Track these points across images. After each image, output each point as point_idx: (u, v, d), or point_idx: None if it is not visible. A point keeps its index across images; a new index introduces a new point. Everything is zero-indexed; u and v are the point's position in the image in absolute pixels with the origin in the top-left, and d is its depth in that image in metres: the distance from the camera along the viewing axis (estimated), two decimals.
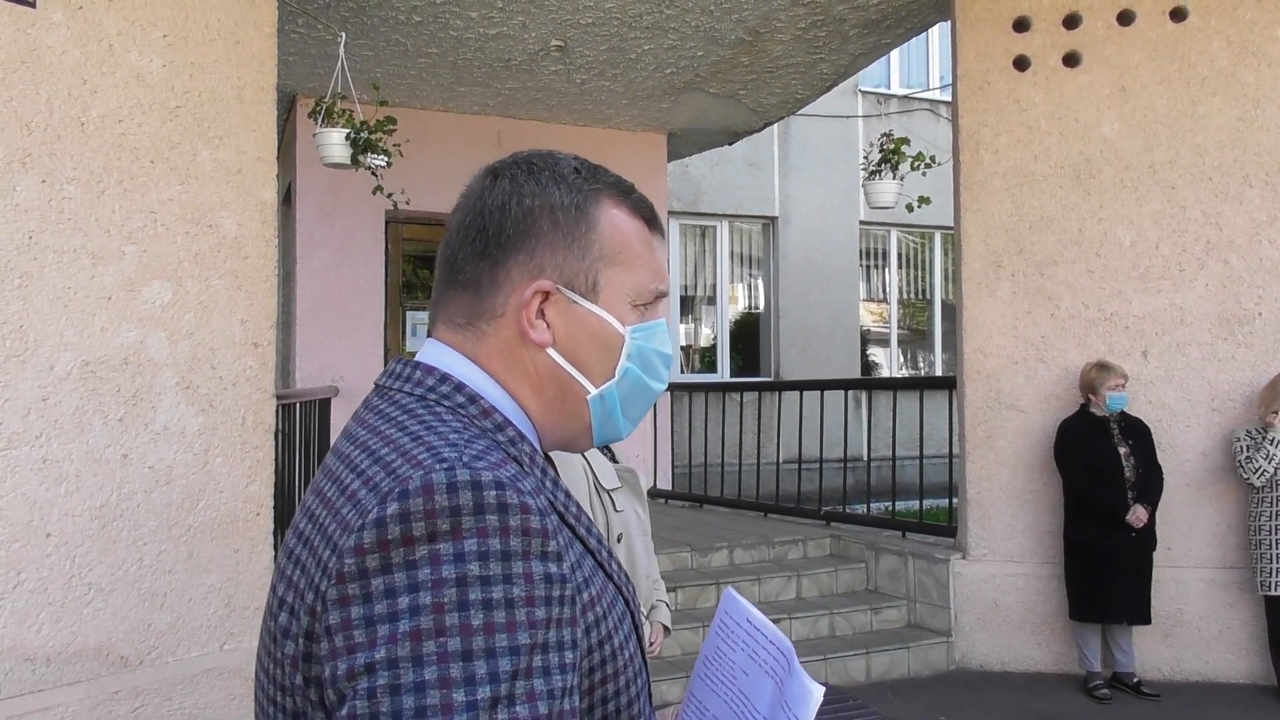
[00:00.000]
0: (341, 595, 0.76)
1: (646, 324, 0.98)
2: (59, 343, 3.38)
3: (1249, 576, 5.08)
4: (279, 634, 0.83)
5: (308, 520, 0.86)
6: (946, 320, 11.87)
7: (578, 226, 0.95)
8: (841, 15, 5.95)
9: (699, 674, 1.15)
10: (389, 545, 0.75)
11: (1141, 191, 5.36)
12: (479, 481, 0.78)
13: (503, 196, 0.95)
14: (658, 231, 1.02)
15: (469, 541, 0.75)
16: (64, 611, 3.36)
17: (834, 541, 6.44)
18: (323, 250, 7.23)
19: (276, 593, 0.86)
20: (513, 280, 0.93)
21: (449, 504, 0.76)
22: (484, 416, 0.91)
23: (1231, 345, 5.25)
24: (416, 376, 0.93)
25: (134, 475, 3.56)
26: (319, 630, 0.78)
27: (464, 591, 0.74)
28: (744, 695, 1.06)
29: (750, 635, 1.08)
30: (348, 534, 0.78)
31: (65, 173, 3.42)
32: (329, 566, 0.78)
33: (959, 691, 5.13)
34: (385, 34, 5.95)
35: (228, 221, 3.83)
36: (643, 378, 0.98)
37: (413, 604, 0.74)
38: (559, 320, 0.94)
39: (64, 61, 3.42)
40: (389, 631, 0.73)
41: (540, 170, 0.96)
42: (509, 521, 0.77)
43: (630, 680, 0.89)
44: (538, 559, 0.77)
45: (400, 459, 0.81)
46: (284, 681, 0.83)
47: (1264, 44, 5.25)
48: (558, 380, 0.95)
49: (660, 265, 1.01)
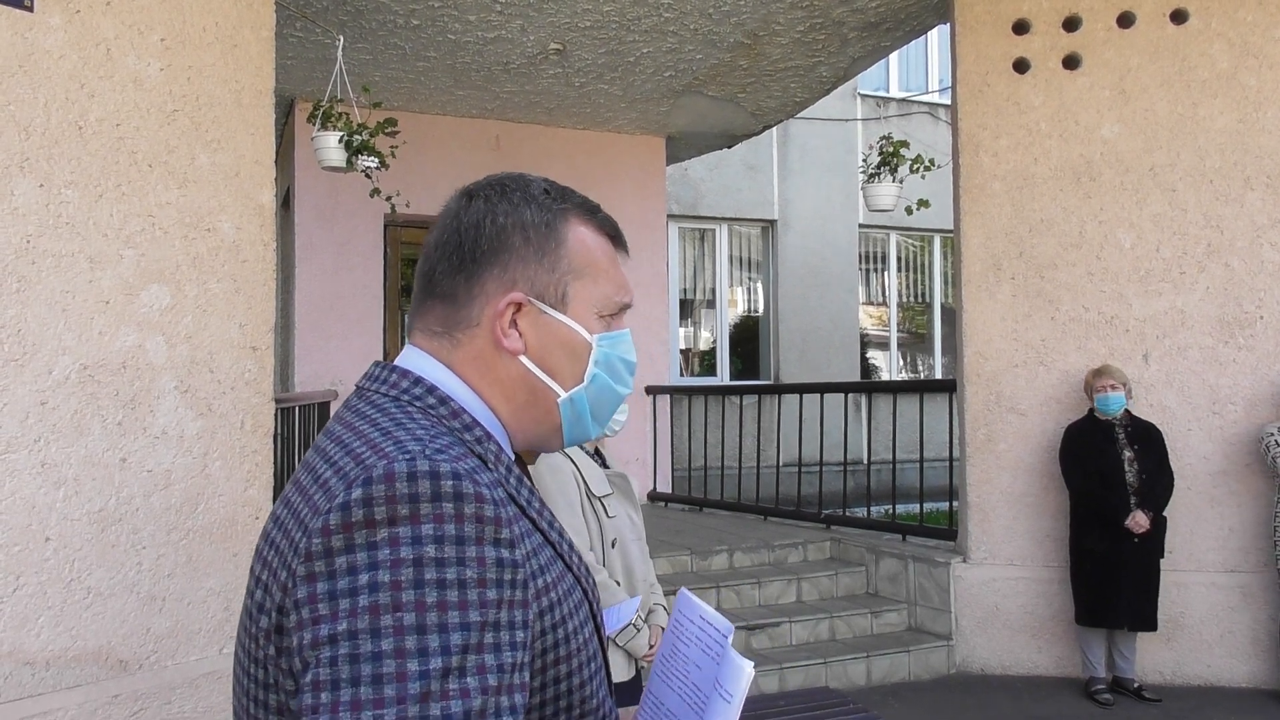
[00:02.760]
0: (309, 572, 0.82)
1: (612, 333, 1.05)
2: (57, 347, 3.37)
3: (1260, 580, 5.07)
4: (255, 610, 0.90)
5: (284, 506, 0.93)
6: (946, 323, 11.87)
7: (548, 242, 1.02)
8: (840, 18, 5.95)
9: (656, 672, 1.21)
10: (352, 527, 0.81)
11: (1142, 194, 5.36)
12: (437, 472, 0.84)
13: (478, 215, 1.02)
14: (622, 248, 1.10)
15: (426, 526, 0.81)
16: (63, 615, 3.35)
17: (834, 545, 6.43)
18: (322, 254, 7.22)
19: (254, 573, 0.93)
20: (487, 292, 1.00)
21: (408, 491, 0.82)
22: (453, 417, 0.97)
23: (1232, 348, 5.24)
24: (392, 379, 1.01)
25: (133, 479, 3.54)
26: (289, 604, 0.84)
27: (420, 571, 0.80)
28: (696, 687, 1.12)
29: (702, 629, 1.14)
30: (316, 516, 0.84)
31: (63, 177, 3.41)
32: (299, 545, 0.84)
33: (959, 695, 5.11)
34: (383, 37, 5.95)
35: (226, 225, 3.82)
36: (610, 383, 1.05)
37: (372, 581, 0.79)
38: (530, 330, 1.01)
39: (61, 65, 3.41)
40: (349, 605, 0.79)
41: (512, 191, 1.04)
42: (464, 509, 0.83)
43: (584, 663, 0.95)
44: (490, 544, 0.83)
45: (368, 450, 0.88)
46: (257, 654, 0.89)
47: (1265, 46, 5.25)
48: (528, 385, 1.02)
49: (624, 279, 1.08)
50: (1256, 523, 5.14)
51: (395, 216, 6.47)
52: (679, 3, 5.65)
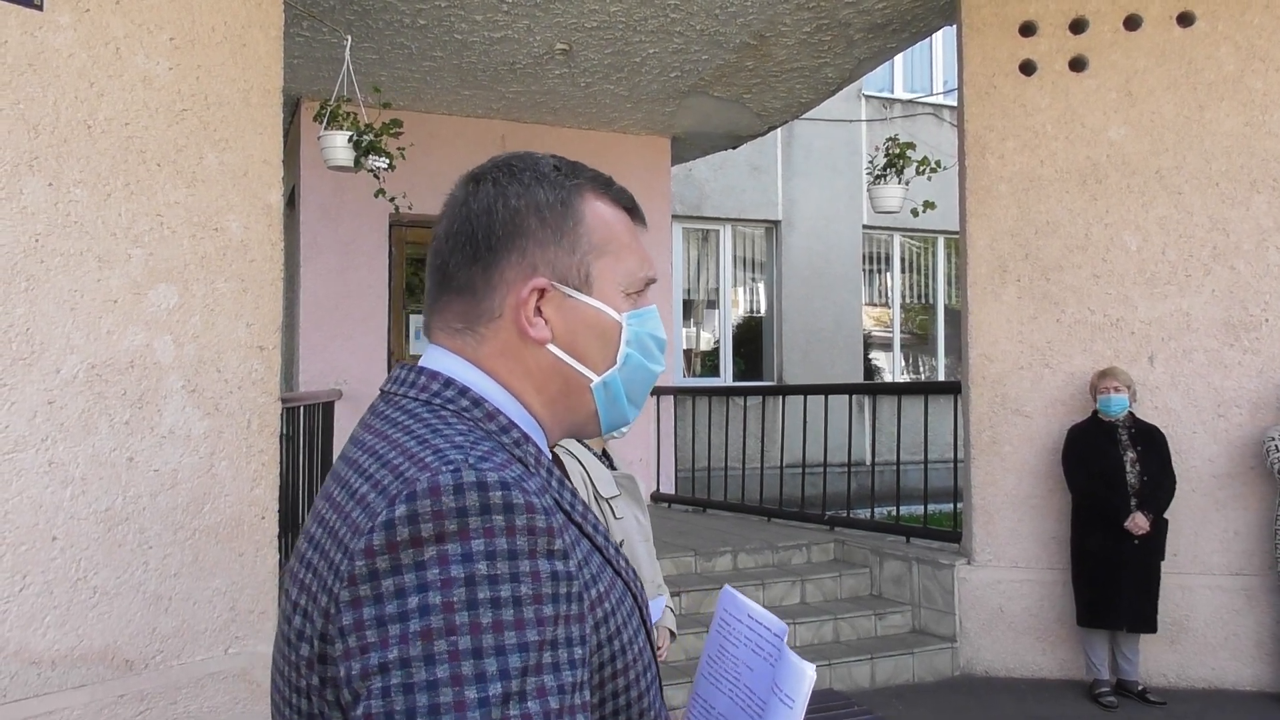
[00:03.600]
0: (354, 597, 0.78)
1: (640, 310, 1.01)
2: (65, 346, 3.37)
3: (1264, 583, 5.07)
4: (294, 637, 0.85)
5: (318, 525, 0.88)
6: (949, 325, 11.87)
7: (565, 222, 0.96)
8: (847, 19, 5.94)
9: (703, 674, 1.16)
10: (398, 546, 0.77)
11: (1148, 197, 5.35)
12: (485, 482, 0.79)
13: (488, 200, 0.96)
14: (640, 220, 1.04)
15: (476, 541, 0.77)
16: (69, 615, 3.35)
17: (838, 546, 6.42)
18: (326, 254, 7.22)
19: (290, 597, 0.88)
20: (507, 281, 0.95)
21: (455, 505, 0.78)
22: (488, 419, 0.92)
23: (1238, 351, 5.24)
24: (421, 382, 0.95)
25: (140, 478, 3.55)
26: (333, 632, 0.79)
27: (473, 590, 0.75)
28: (749, 689, 1.07)
29: (751, 629, 1.10)
30: (358, 536, 0.79)
31: (72, 176, 3.41)
32: (340, 569, 0.79)
33: (963, 698, 5.11)
34: (390, 37, 5.95)
35: (234, 225, 3.82)
36: (643, 361, 1.01)
37: (423, 604, 0.75)
38: (556, 315, 0.96)
39: (71, 64, 3.41)
40: (400, 631, 0.75)
41: (521, 171, 0.98)
42: (515, 521, 0.78)
43: (640, 674, 0.91)
44: (544, 557, 0.79)
45: (407, 462, 0.83)
46: (299, 683, 0.84)
47: (1272, 49, 5.25)
48: (560, 374, 0.97)
49: (646, 253, 1.03)
50: (1260, 525, 5.14)
51: (400, 216, 6.48)
52: (686, 3, 5.64)
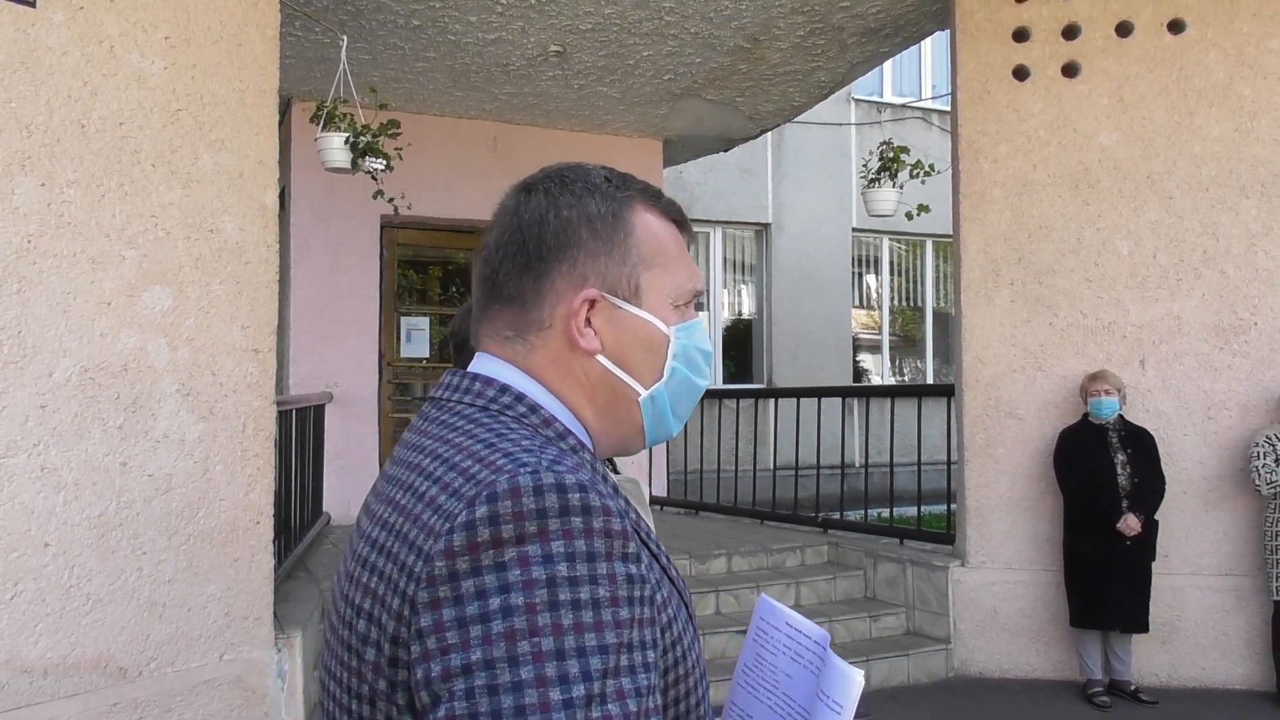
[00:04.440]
0: (432, 598, 0.77)
1: (687, 323, 1.01)
2: (58, 349, 3.33)
3: (1254, 583, 5.10)
4: (356, 643, 0.84)
5: (381, 529, 0.87)
6: (937, 327, 11.91)
7: (616, 233, 0.97)
8: (840, 24, 5.96)
9: (739, 682, 1.15)
10: (478, 547, 0.77)
11: (1139, 201, 5.39)
12: (563, 485, 0.80)
13: (539, 210, 0.97)
14: (688, 232, 1.05)
15: (556, 543, 0.77)
16: (62, 622, 3.31)
17: (832, 549, 6.43)
18: (317, 255, 7.17)
19: (351, 603, 0.87)
20: (558, 291, 0.95)
21: (536, 506, 0.78)
22: (545, 426, 0.92)
23: (1228, 355, 5.27)
24: (476, 388, 0.95)
25: (133, 483, 3.51)
26: (407, 635, 0.79)
27: (554, 592, 0.76)
28: (789, 698, 1.07)
29: (791, 638, 1.09)
30: (434, 538, 0.79)
31: (65, 176, 3.37)
32: (415, 571, 0.79)
33: (958, 699, 5.12)
34: (383, 38, 5.92)
35: (229, 226, 3.79)
36: (689, 376, 1.01)
37: (505, 605, 0.75)
38: (606, 327, 0.96)
39: (64, 63, 3.37)
40: (483, 632, 0.75)
41: (573, 182, 0.99)
42: (593, 523, 0.79)
43: (697, 682, 0.91)
44: (619, 560, 0.80)
45: (478, 465, 0.83)
46: (361, 689, 0.83)
47: (1260, 56, 5.29)
48: (609, 386, 0.97)
49: (694, 265, 1.03)
50: (1250, 526, 5.17)
51: (393, 217, 6.43)
52: (680, 6, 5.64)
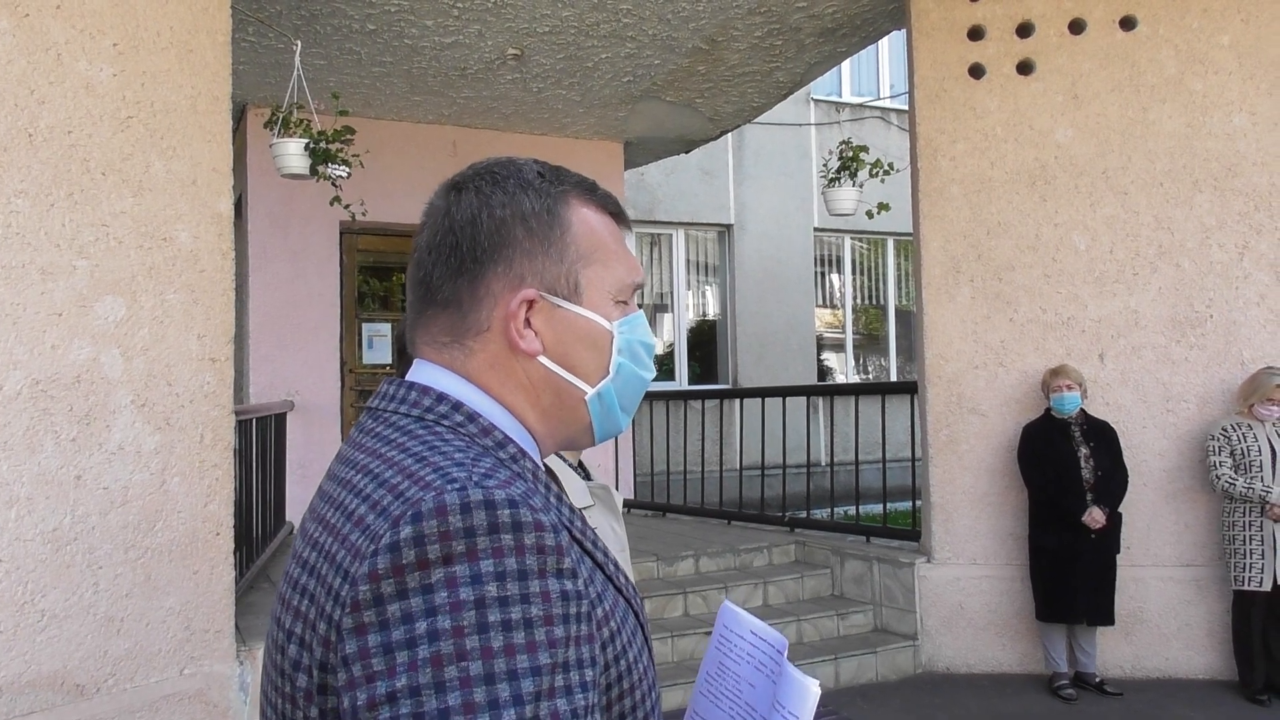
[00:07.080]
0: (357, 624, 0.74)
1: (629, 317, 0.99)
2: (8, 361, 3.26)
3: (1214, 573, 5.18)
4: (288, 668, 0.81)
5: (311, 549, 0.84)
6: (900, 325, 12.01)
7: (552, 231, 0.94)
8: (798, 24, 5.98)
9: (701, 690, 1.14)
10: (404, 570, 0.74)
11: (1095, 197, 5.46)
12: (492, 500, 0.76)
13: (471, 210, 0.93)
14: (626, 225, 1.03)
15: (485, 562, 0.74)
16: (16, 640, 3.23)
17: (799, 548, 6.45)
18: (276, 262, 7.08)
19: (283, 626, 0.84)
20: (494, 293, 0.92)
21: (463, 525, 0.75)
22: (484, 435, 0.89)
23: (1184, 347, 5.36)
24: (412, 397, 0.92)
25: (88, 497, 3.43)
26: (334, 661, 0.76)
27: (483, 613, 0.73)
28: (750, 707, 1.05)
29: (754, 645, 1.07)
30: (359, 560, 0.76)
31: (12, 185, 3.29)
32: (341, 595, 0.76)
33: (926, 695, 5.16)
34: (339, 42, 5.86)
35: (183, 234, 3.73)
36: (635, 370, 0.99)
37: (431, 629, 0.72)
38: (546, 327, 0.93)
39: (9, 71, 3.30)
40: (409, 658, 0.72)
41: (505, 178, 0.95)
42: (524, 540, 0.76)
43: (645, 694, 0.89)
44: (553, 576, 0.77)
45: (407, 481, 0.80)
46: (294, 716, 0.81)
47: (1210, 52, 5.38)
48: (553, 387, 0.95)
49: (633, 258, 1.01)
50: (1210, 517, 5.26)
51: (351, 224, 6.37)
52: (638, 8, 5.64)
